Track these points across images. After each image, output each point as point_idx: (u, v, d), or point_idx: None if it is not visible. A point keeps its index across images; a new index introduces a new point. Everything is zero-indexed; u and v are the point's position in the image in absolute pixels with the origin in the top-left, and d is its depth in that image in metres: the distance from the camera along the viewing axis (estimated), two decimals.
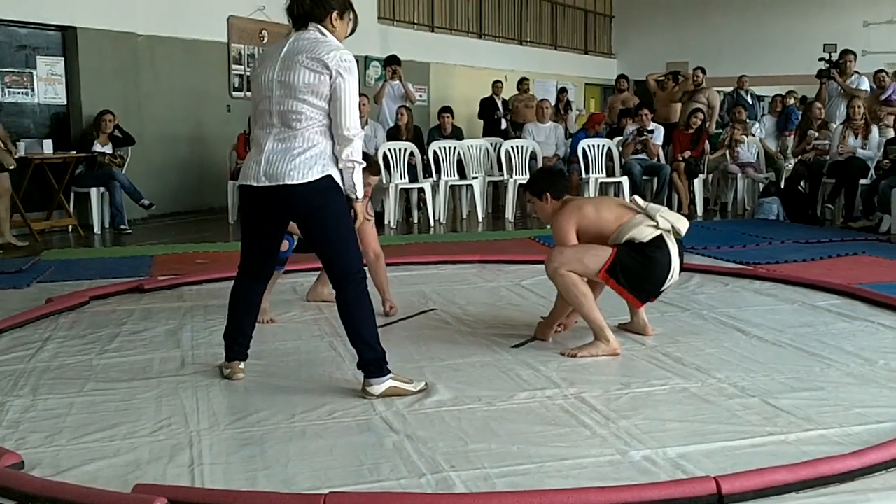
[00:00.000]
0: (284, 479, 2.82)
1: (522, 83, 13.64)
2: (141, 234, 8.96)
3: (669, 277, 4.30)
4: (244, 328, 3.91)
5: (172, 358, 4.26)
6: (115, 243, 8.47)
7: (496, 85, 13.44)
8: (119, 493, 2.66)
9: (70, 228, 9.02)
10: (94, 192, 9.03)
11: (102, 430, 3.27)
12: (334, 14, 3.56)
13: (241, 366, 3.90)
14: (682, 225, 4.35)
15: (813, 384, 3.76)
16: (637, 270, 4.21)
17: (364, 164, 3.64)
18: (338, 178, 3.54)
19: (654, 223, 4.26)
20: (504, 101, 13.28)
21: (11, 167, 7.95)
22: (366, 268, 3.98)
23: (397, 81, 11.11)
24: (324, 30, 3.54)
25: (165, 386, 3.81)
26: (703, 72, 12.23)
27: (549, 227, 4.63)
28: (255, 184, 3.56)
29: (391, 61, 11.33)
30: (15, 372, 4.03)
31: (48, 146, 8.86)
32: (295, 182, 3.48)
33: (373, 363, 3.60)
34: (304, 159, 3.48)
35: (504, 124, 13.06)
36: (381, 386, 3.59)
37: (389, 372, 3.63)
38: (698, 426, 3.25)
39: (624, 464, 2.93)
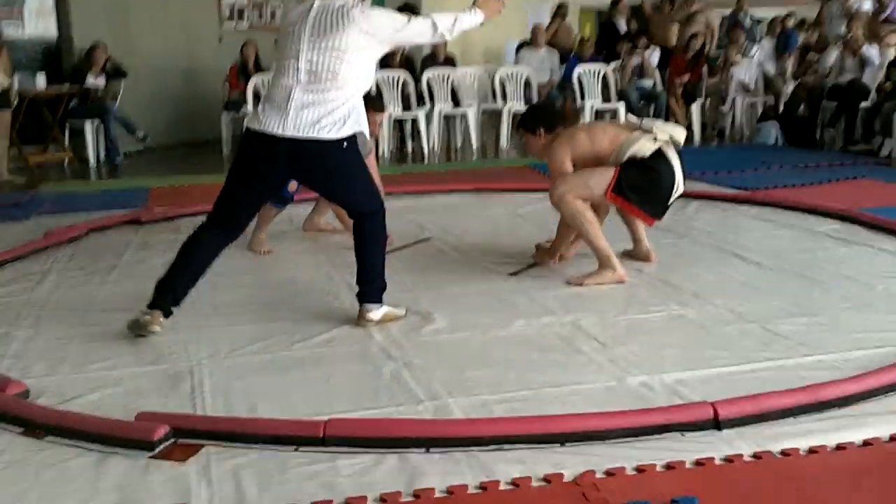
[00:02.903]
0: (284, 406, 2.85)
1: (561, 9, 13.23)
2: (136, 166, 8.91)
3: (675, 188, 4.27)
4: (188, 282, 3.62)
5: None
6: (111, 176, 8.45)
7: (618, 4, 12.42)
8: (123, 422, 2.70)
9: (66, 161, 8.97)
10: (88, 125, 8.95)
11: (104, 359, 3.30)
12: None
13: (163, 319, 3.55)
14: (680, 134, 4.33)
15: (811, 310, 3.77)
16: (643, 185, 4.18)
17: (462, 24, 3.60)
18: (361, 134, 3.59)
19: (652, 136, 4.23)
20: (641, 18, 12.39)
21: (15, 102, 7.87)
22: None
23: None
24: None
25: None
26: None
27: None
28: (278, 133, 3.42)
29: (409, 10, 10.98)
30: (17, 303, 4.06)
31: (41, 80, 8.77)
32: (326, 137, 3.43)
33: (377, 292, 3.66)
34: (338, 117, 3.46)
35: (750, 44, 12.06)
36: (379, 312, 3.64)
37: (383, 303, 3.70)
38: (696, 352, 3.28)
39: (621, 390, 2.96)
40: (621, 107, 10.23)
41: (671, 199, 4.32)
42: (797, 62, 11.27)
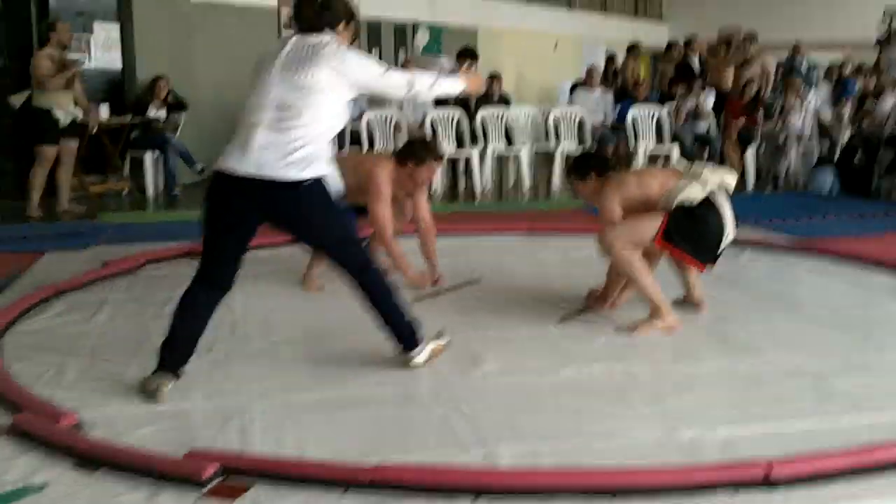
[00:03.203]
0: (333, 449, 2.86)
1: (633, 49, 13.30)
2: (193, 197, 9.02)
3: (725, 235, 4.23)
4: (187, 343, 3.45)
5: (224, 323, 4.29)
6: (169, 207, 8.59)
7: (691, 45, 12.24)
8: (173, 458, 2.73)
9: (125, 192, 9.14)
10: (148, 156, 9.13)
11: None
12: (341, 25, 3.51)
13: (171, 383, 3.36)
14: (731, 178, 4.30)
15: (866, 367, 3.71)
16: (693, 232, 4.15)
17: (438, 89, 3.60)
18: (327, 180, 3.39)
19: (703, 182, 4.20)
20: (701, 61, 12.16)
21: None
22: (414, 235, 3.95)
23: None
24: (329, 32, 3.45)
25: (217, 351, 3.86)
26: (755, 39, 11.95)
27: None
28: (240, 172, 3.28)
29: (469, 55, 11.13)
30: (73, 333, 4.14)
31: (104, 111, 8.99)
32: (287, 177, 3.26)
33: (409, 337, 3.59)
34: (300, 157, 3.27)
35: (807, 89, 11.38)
36: (423, 354, 3.61)
37: (423, 337, 3.62)
38: (748, 407, 3.24)
39: (671, 444, 2.93)
40: (675, 149, 10.19)
41: (722, 246, 4.28)
42: (854, 109, 11.14)
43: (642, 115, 10.55)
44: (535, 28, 16.26)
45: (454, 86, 3.68)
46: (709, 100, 10.73)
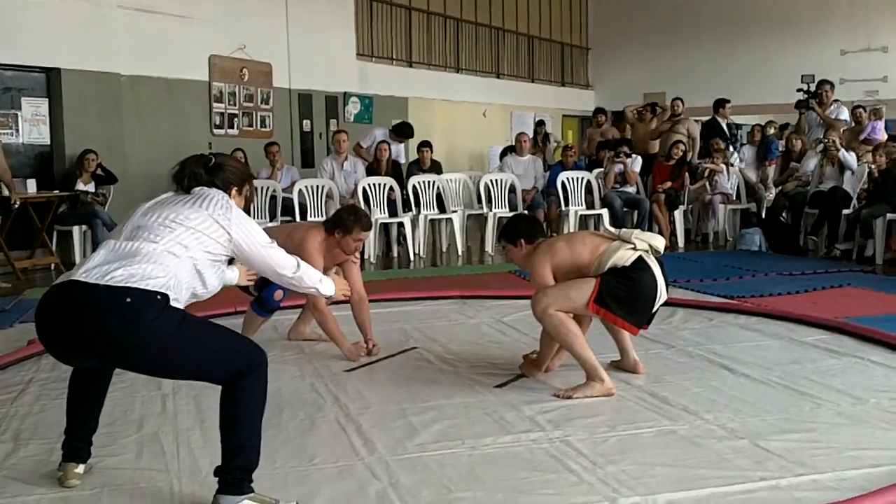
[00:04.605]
0: None
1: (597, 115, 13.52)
2: None
3: (658, 296, 4.24)
4: (84, 423, 3.21)
5: (153, 399, 4.21)
6: None
7: (722, 106, 12.12)
8: None
9: (52, 266, 8.95)
10: (76, 230, 9.01)
11: (84, 477, 3.20)
12: (234, 190, 3.21)
13: (79, 469, 3.17)
14: (659, 242, 4.34)
15: (803, 425, 3.71)
16: (625, 295, 4.15)
17: (319, 285, 3.43)
18: (175, 300, 2.80)
19: (632, 245, 4.23)
20: (730, 125, 12.18)
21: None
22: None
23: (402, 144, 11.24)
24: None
25: (147, 430, 3.76)
26: (682, 102, 12.26)
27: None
28: (61, 280, 2.84)
29: (405, 132, 11.28)
30: None
31: (32, 186, 8.92)
32: (106, 284, 2.70)
33: (238, 473, 2.88)
34: (133, 271, 2.75)
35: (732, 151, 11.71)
36: None
37: (251, 490, 2.89)
38: (687, 471, 3.21)
39: None
40: (605, 213, 10.34)
41: (654, 308, 4.30)
42: (779, 169, 11.45)
43: (572, 180, 10.71)
44: (465, 97, 16.50)
45: (327, 288, 3.48)
46: (636, 164, 10.94)
